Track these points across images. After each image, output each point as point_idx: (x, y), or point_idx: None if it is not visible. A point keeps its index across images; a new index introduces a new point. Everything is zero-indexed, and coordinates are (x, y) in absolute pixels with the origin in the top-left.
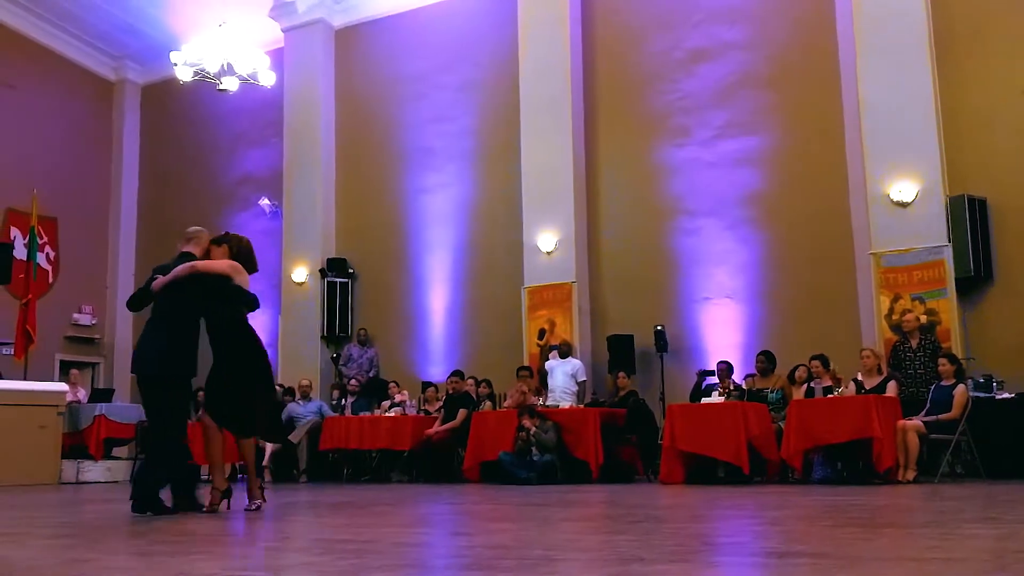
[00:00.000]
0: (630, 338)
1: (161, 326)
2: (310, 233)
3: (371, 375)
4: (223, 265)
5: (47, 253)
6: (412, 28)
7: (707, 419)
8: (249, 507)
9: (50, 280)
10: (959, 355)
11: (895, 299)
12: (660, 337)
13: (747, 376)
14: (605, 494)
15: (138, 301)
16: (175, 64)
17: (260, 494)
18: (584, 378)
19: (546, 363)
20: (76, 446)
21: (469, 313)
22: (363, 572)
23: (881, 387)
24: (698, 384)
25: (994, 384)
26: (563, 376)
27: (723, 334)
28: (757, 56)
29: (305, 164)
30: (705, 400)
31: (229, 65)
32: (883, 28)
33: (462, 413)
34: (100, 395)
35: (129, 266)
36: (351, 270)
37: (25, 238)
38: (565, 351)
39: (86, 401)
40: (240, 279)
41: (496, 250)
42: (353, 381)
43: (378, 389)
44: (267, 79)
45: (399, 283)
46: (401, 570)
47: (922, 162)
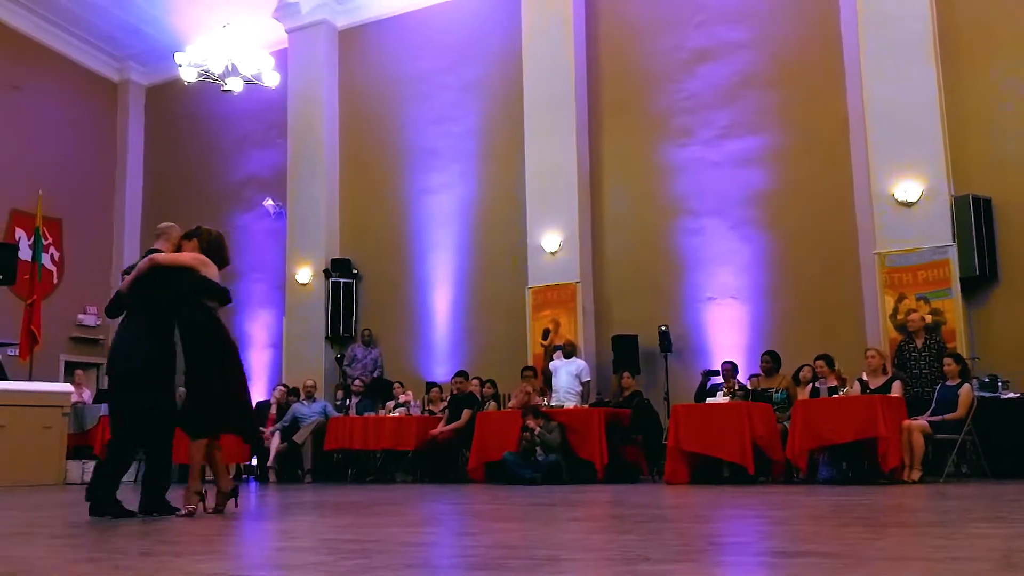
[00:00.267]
0: (634, 338)
1: (133, 325)
2: (314, 234)
3: (375, 375)
4: (186, 258)
5: (52, 254)
6: (416, 28)
7: (712, 419)
8: (179, 512)
9: (55, 281)
10: (964, 355)
11: (900, 299)
12: (664, 337)
13: (752, 376)
14: (610, 494)
15: (115, 307)
16: (179, 65)
17: (194, 499)
18: (588, 378)
19: (550, 363)
20: (81, 447)
21: (473, 313)
22: (369, 572)
23: (886, 387)
24: (702, 384)
25: (999, 384)
26: (567, 376)
27: (727, 334)
28: (761, 56)
29: (309, 165)
30: (710, 400)
31: (233, 66)
32: (888, 27)
33: (466, 413)
34: (105, 396)
35: None
36: (355, 271)
37: (30, 239)
38: (569, 351)
39: (91, 402)
40: (207, 271)
41: (500, 250)
42: (357, 381)
43: (382, 389)
44: (271, 80)
45: (403, 283)
46: (407, 570)
47: (927, 162)
